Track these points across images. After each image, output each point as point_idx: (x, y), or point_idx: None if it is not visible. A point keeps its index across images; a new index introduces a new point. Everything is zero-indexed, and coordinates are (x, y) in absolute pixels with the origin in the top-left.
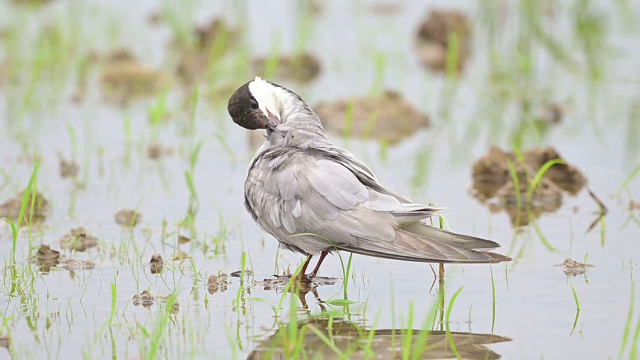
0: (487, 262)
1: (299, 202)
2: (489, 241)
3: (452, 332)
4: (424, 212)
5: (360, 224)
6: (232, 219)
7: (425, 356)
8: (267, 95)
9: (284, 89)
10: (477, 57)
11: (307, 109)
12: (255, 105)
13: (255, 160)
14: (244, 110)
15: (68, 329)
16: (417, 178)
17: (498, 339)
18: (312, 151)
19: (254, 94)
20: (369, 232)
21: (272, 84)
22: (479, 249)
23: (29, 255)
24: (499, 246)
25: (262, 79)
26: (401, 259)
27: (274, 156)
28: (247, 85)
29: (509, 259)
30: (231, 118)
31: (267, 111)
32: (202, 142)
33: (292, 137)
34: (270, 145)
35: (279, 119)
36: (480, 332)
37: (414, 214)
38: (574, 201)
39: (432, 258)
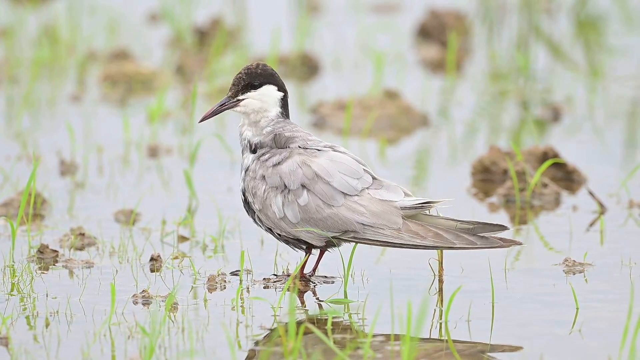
0: (497, 247)
1: (305, 190)
2: (496, 224)
3: (454, 340)
4: (426, 204)
5: (367, 211)
6: (231, 218)
7: (424, 356)
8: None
9: (282, 110)
10: (476, 56)
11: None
12: (257, 86)
13: (247, 168)
14: (246, 82)
15: (67, 328)
16: (416, 177)
17: (507, 348)
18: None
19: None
20: (375, 219)
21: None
22: (486, 234)
23: (28, 254)
24: (507, 229)
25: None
26: (408, 248)
27: (270, 157)
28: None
29: (520, 243)
30: (250, 70)
31: (244, 105)
32: (202, 141)
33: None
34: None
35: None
36: (479, 330)
37: (416, 207)
38: (573, 200)
39: (441, 245)
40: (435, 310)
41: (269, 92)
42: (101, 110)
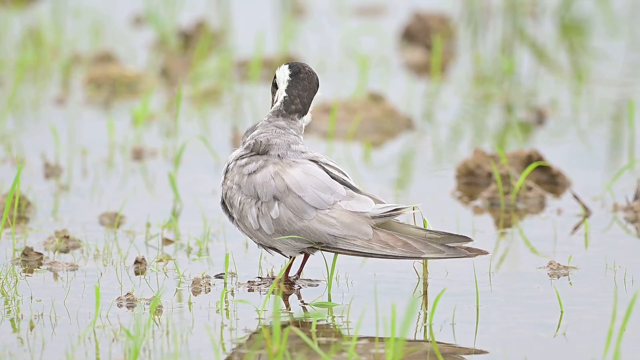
0: (464, 257)
1: (276, 203)
2: (461, 236)
3: (436, 342)
4: (394, 211)
5: (338, 223)
6: (215, 220)
7: (409, 358)
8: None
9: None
10: (460, 59)
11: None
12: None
13: (229, 164)
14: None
15: (52, 331)
16: (400, 180)
17: (479, 352)
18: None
19: (277, 77)
20: (346, 231)
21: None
22: (454, 244)
23: (13, 257)
24: (472, 240)
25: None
26: (379, 257)
27: (247, 163)
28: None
29: (486, 253)
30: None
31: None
32: (186, 143)
33: (261, 142)
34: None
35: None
36: (464, 333)
37: (385, 215)
38: (558, 203)
39: (410, 255)
40: (419, 313)
41: (282, 70)
42: (85, 112)
